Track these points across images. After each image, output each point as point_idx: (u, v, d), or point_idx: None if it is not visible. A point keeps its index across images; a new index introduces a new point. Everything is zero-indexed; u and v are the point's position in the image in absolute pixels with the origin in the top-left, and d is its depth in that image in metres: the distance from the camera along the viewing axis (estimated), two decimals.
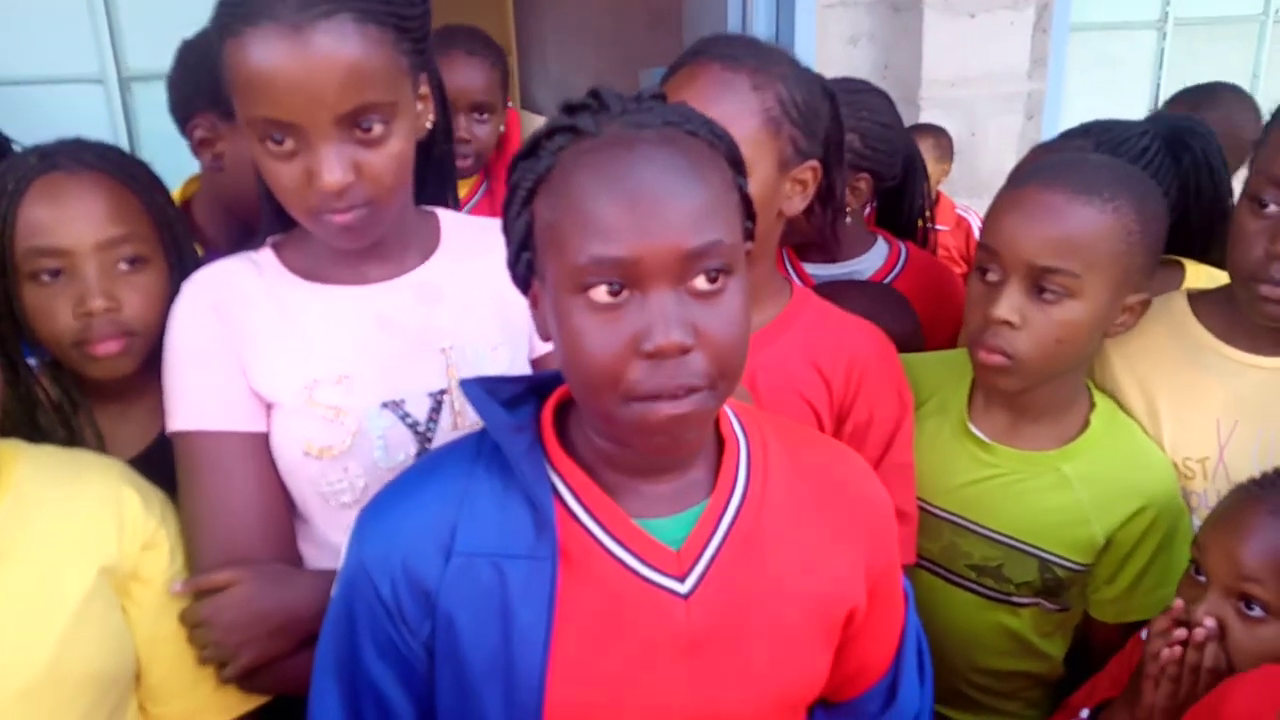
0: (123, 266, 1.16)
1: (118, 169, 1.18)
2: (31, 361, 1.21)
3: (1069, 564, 1.29)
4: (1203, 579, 1.12)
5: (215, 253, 1.24)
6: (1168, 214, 1.25)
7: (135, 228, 1.17)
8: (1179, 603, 1.11)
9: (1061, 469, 1.29)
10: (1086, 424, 1.30)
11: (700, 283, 0.74)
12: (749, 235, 0.84)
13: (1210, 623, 1.07)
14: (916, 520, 1.27)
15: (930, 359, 1.43)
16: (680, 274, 0.74)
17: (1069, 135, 1.61)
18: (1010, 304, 1.18)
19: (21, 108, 2.55)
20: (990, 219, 1.23)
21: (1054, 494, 1.28)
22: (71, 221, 1.13)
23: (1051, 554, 1.29)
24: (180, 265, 1.22)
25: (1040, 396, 1.28)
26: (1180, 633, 1.07)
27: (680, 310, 0.74)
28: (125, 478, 1.07)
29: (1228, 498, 1.16)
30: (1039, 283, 1.18)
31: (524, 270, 0.83)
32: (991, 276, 1.22)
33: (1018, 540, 1.30)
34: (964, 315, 1.27)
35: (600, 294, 0.74)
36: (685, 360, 0.74)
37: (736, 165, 0.83)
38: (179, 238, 1.23)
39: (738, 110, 1.11)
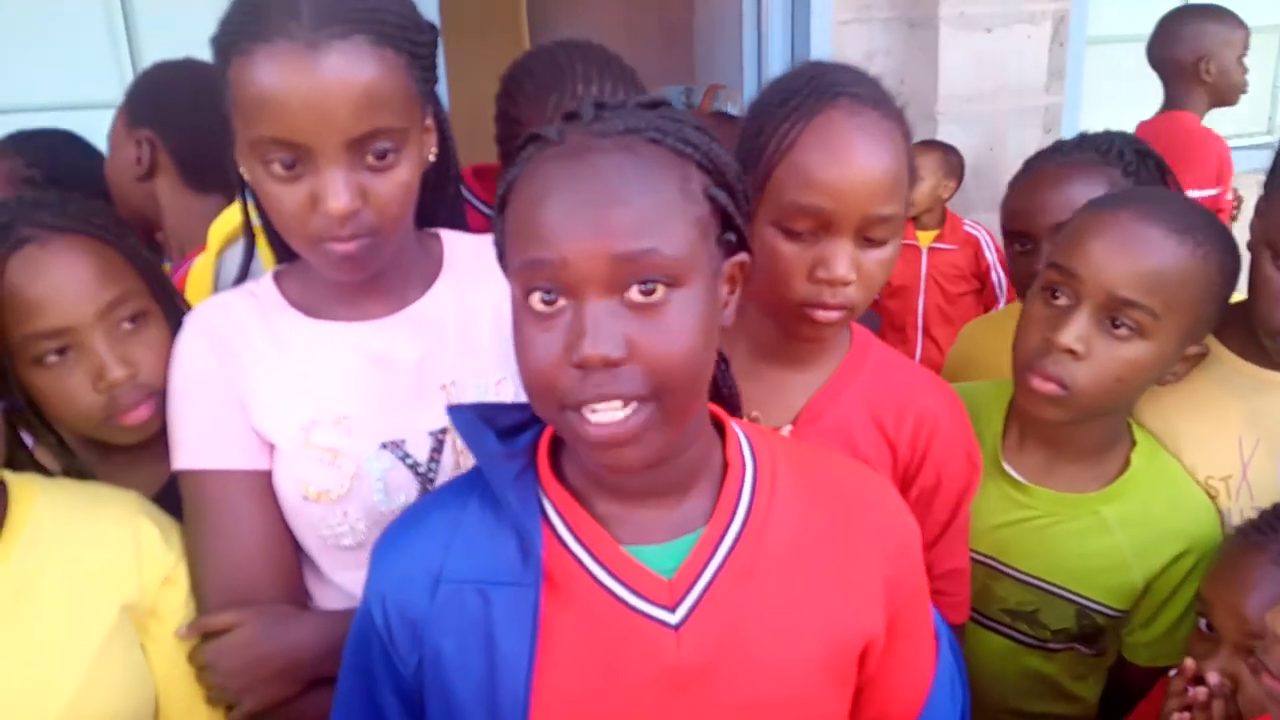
0: (126, 326, 1.11)
1: (87, 224, 1.10)
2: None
3: (1107, 610, 1.26)
4: (1213, 633, 1.09)
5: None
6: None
7: (128, 284, 1.11)
8: (1190, 663, 1.08)
9: (1100, 512, 1.25)
10: (1127, 464, 1.26)
11: (635, 294, 0.73)
12: (732, 249, 0.82)
13: (1214, 679, 1.05)
14: (969, 576, 1.22)
15: (963, 391, 1.36)
16: (612, 283, 0.72)
17: None
18: (1078, 331, 1.13)
19: None
20: (1072, 240, 1.17)
21: (1093, 538, 1.24)
22: (64, 297, 1.06)
23: (1090, 600, 1.25)
24: (174, 309, 1.18)
25: (1081, 435, 1.24)
26: (1192, 693, 1.05)
27: (613, 322, 0.72)
28: (143, 510, 1.06)
29: (1228, 545, 1.13)
30: (1114, 315, 1.13)
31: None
32: (1062, 300, 1.16)
33: (1054, 585, 1.26)
34: (1016, 338, 1.22)
35: (537, 301, 0.74)
36: (617, 373, 0.73)
37: (714, 174, 0.80)
38: (163, 280, 1.19)
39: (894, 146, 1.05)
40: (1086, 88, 3.61)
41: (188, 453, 1.06)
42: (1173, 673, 1.13)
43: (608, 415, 0.73)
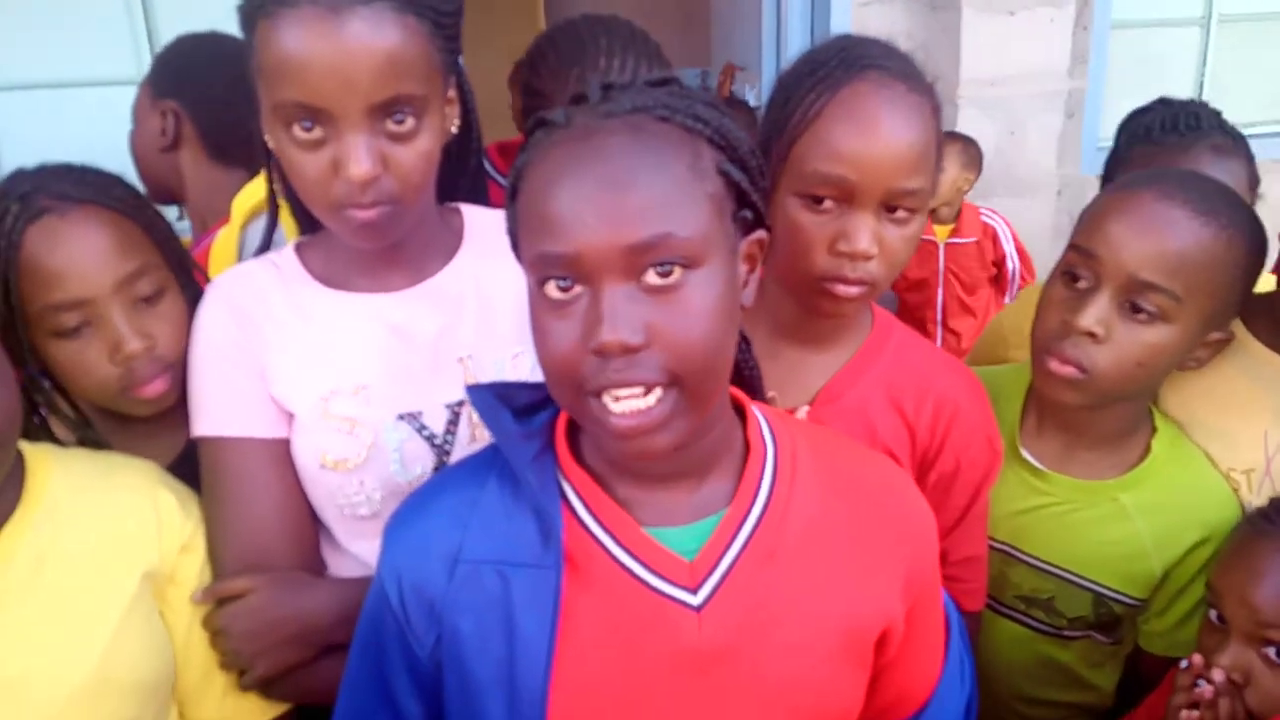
0: (144, 299, 1.11)
1: (106, 196, 1.10)
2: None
3: (1125, 599, 1.24)
4: (1223, 624, 1.08)
5: None
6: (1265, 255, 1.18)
7: (146, 257, 1.11)
8: (1198, 658, 1.07)
9: (1120, 499, 1.23)
10: (1147, 451, 1.24)
11: (652, 277, 0.72)
12: (749, 227, 0.81)
13: (1220, 677, 1.03)
14: (986, 563, 1.21)
15: (980, 374, 1.33)
16: (628, 269, 0.71)
17: None
18: (1097, 314, 1.11)
19: (61, 110, 2.57)
20: (1094, 221, 1.15)
21: (1111, 525, 1.23)
22: (82, 268, 1.05)
23: (1107, 588, 1.24)
24: (191, 283, 1.18)
25: (1100, 421, 1.22)
26: (1199, 690, 1.04)
27: (631, 307, 0.71)
28: (160, 479, 1.06)
29: (1238, 533, 1.11)
30: (1134, 298, 1.10)
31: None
32: (1082, 283, 1.14)
33: (1071, 573, 1.25)
34: (1035, 320, 1.20)
35: (552, 290, 0.73)
36: (637, 359, 0.72)
37: (727, 150, 0.78)
38: (181, 254, 1.19)
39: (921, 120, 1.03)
40: (1110, 73, 3.56)
41: (208, 420, 1.06)
42: (1183, 664, 1.12)
43: (630, 403, 0.72)
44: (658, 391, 0.73)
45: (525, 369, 1.11)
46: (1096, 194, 1.20)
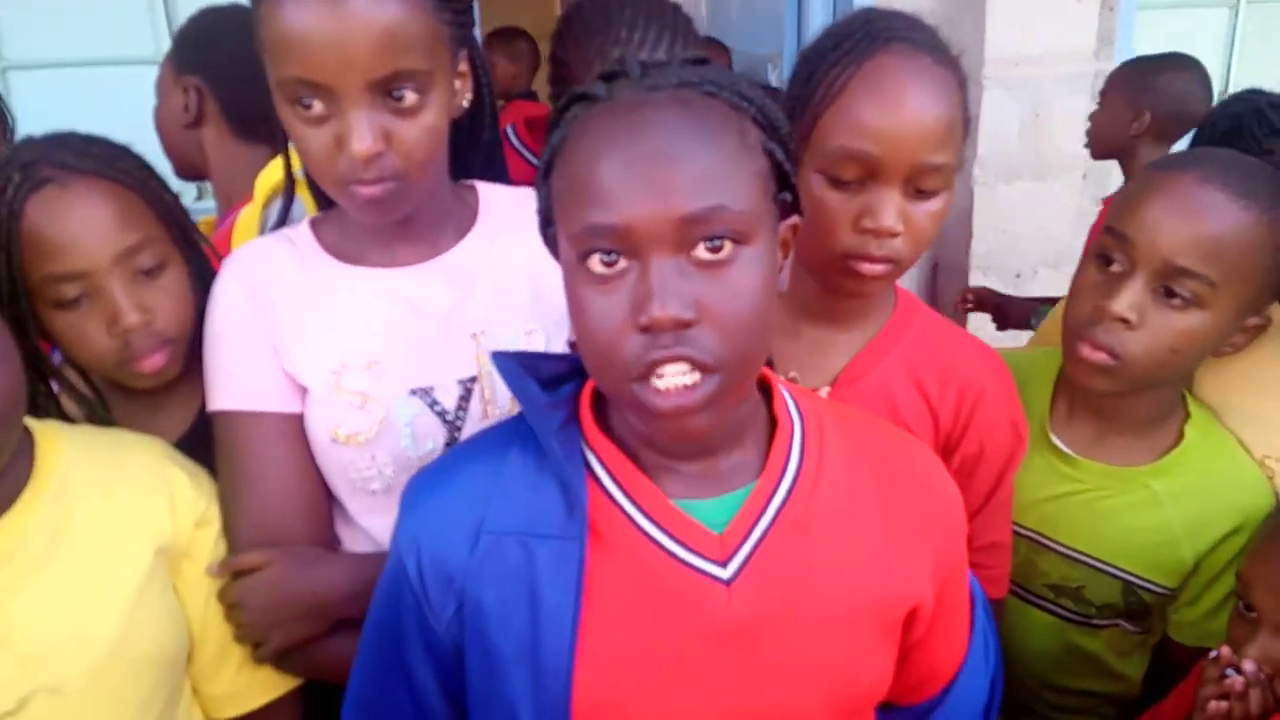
0: (144, 273, 1.10)
1: (109, 167, 1.09)
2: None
3: (1155, 587, 1.22)
4: (1253, 614, 1.06)
5: None
6: None
7: (147, 230, 1.10)
8: (1226, 649, 1.05)
9: (1151, 486, 1.21)
10: (1180, 437, 1.22)
11: (702, 252, 0.71)
12: (787, 209, 0.80)
13: (1250, 668, 1.02)
14: (1010, 550, 1.19)
15: (1010, 360, 1.31)
16: (679, 242, 0.70)
17: None
18: (1131, 300, 1.09)
19: (78, 90, 2.57)
20: (1130, 203, 1.12)
21: (1142, 513, 1.20)
22: (82, 240, 1.05)
23: (1137, 576, 1.22)
24: (198, 257, 1.17)
25: (1132, 407, 1.20)
26: (1228, 681, 1.02)
27: (681, 282, 0.70)
28: (170, 457, 1.07)
29: (1267, 522, 1.09)
30: (1169, 284, 1.08)
31: (552, 245, 0.81)
32: (1116, 267, 1.11)
33: (1101, 561, 1.23)
34: (1068, 305, 1.17)
35: (596, 264, 0.72)
36: (686, 335, 0.71)
37: (770, 130, 0.77)
38: (186, 227, 1.18)
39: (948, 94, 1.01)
40: (1137, 54, 3.51)
41: (222, 394, 1.06)
42: (1212, 654, 1.09)
43: (675, 379, 0.71)
44: (701, 372, 0.72)
45: (538, 346, 1.11)
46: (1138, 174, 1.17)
